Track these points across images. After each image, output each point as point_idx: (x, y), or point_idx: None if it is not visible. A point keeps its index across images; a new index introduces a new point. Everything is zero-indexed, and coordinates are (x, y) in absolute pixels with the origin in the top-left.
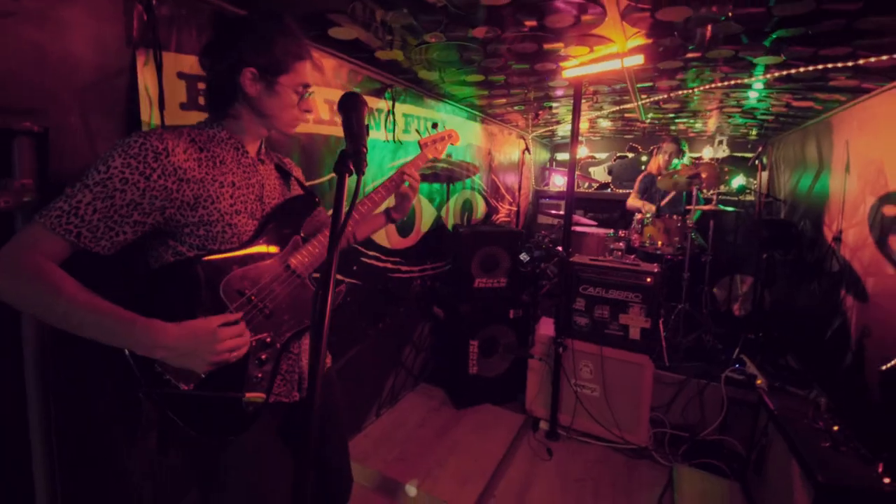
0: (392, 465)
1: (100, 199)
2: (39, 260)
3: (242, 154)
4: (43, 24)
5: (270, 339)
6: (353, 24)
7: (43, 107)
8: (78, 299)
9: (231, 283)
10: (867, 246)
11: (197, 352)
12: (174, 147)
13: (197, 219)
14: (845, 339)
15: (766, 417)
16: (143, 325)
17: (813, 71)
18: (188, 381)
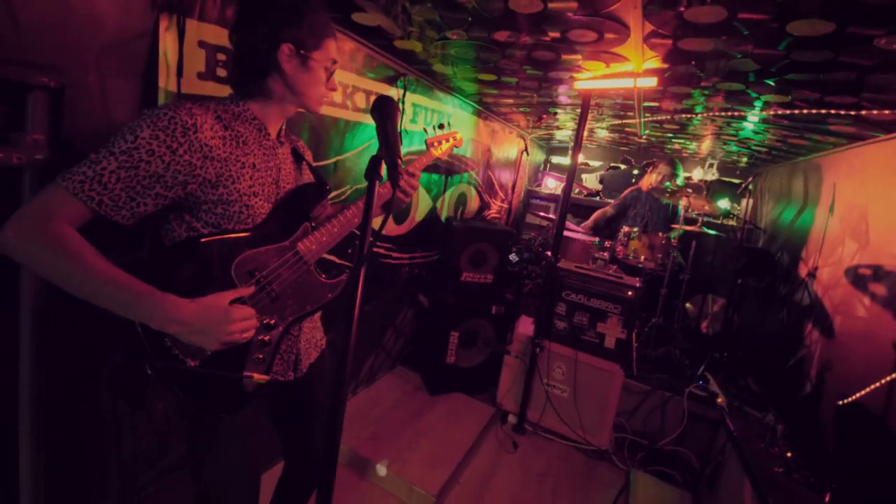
0: (365, 443)
1: (124, 169)
2: (60, 225)
3: (265, 136)
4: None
5: (274, 322)
6: (378, 11)
7: (62, 63)
8: (96, 268)
9: (242, 263)
10: (840, 286)
11: (209, 330)
12: (202, 123)
13: (216, 197)
14: (806, 370)
15: (726, 437)
16: (159, 299)
17: (815, 114)
18: (195, 357)
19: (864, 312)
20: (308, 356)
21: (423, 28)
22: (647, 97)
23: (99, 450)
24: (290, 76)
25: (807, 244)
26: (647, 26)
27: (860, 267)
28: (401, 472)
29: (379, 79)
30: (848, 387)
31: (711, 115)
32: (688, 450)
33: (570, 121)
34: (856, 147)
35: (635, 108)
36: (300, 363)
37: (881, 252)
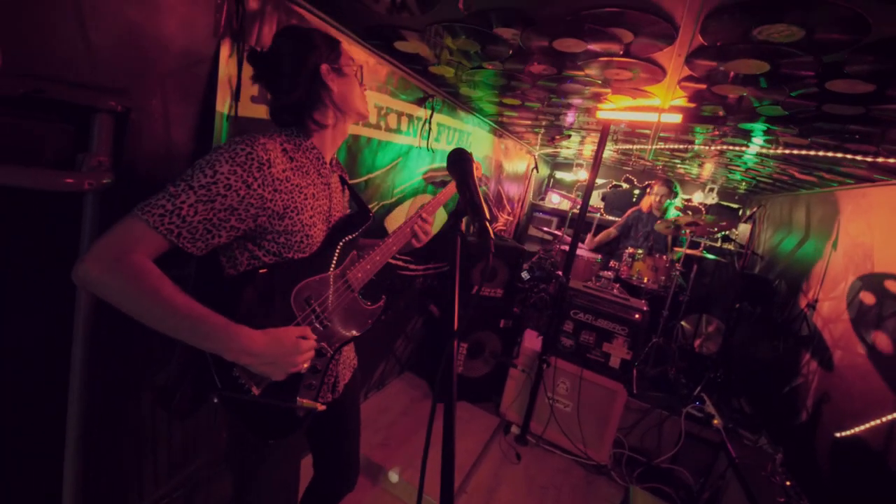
0: (376, 449)
1: (202, 202)
2: (140, 258)
3: (322, 164)
4: (141, 4)
5: (325, 349)
6: (420, 40)
7: (128, 87)
8: (175, 302)
9: (300, 291)
10: (841, 321)
11: (278, 361)
12: (275, 158)
13: (282, 227)
14: (802, 398)
15: (727, 462)
16: (234, 331)
17: (830, 157)
18: (259, 385)
19: (865, 350)
20: (344, 377)
21: (462, 57)
22: (664, 129)
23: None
24: (335, 93)
25: (808, 276)
26: (684, 71)
27: (864, 305)
28: (412, 479)
29: (410, 100)
30: (845, 419)
31: (726, 148)
32: (683, 468)
33: (579, 143)
34: (864, 187)
35: (651, 136)
36: (337, 384)
37: (886, 292)
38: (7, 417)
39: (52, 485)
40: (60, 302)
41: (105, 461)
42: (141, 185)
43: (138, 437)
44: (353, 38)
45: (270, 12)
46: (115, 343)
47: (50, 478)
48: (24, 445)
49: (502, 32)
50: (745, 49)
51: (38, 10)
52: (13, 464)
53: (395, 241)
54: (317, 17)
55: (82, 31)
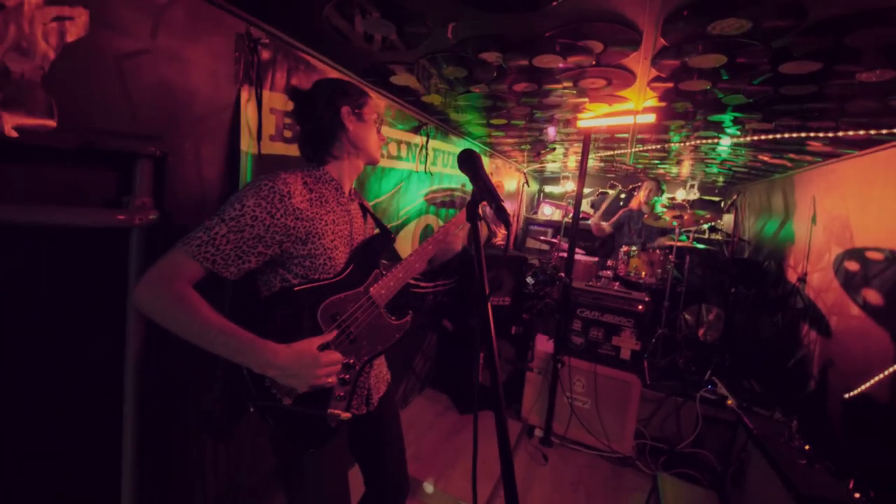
0: (409, 463)
1: (233, 232)
2: (182, 284)
3: (340, 194)
4: (172, 61)
5: (352, 362)
6: (410, 73)
7: (164, 134)
8: (211, 321)
9: (326, 308)
10: (832, 289)
11: (300, 374)
12: (294, 191)
13: (306, 252)
14: (807, 369)
15: (746, 436)
16: (260, 346)
17: (795, 137)
18: (289, 395)
19: (858, 311)
20: (378, 390)
21: (451, 83)
22: (640, 130)
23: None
24: (352, 132)
25: (793, 253)
26: (651, 72)
27: (849, 271)
28: (446, 488)
29: (407, 129)
30: (851, 381)
31: (699, 142)
32: (705, 450)
33: (563, 154)
34: (831, 164)
35: (629, 140)
36: (371, 397)
37: (868, 256)
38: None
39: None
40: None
41: (157, 486)
42: (180, 219)
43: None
44: (352, 77)
45: (281, 60)
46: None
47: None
48: (81, 472)
49: (487, 56)
50: (703, 45)
51: (88, 75)
52: (73, 490)
53: (417, 259)
54: (321, 62)
55: (124, 89)
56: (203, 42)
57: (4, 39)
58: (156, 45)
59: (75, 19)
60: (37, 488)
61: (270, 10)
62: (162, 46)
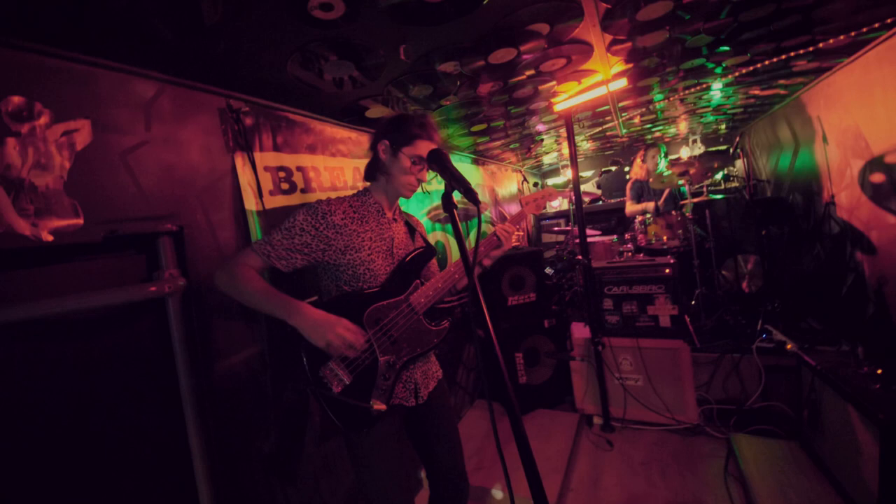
0: (473, 474)
1: (286, 238)
2: (245, 268)
3: (381, 215)
4: (169, 146)
5: (392, 361)
6: (381, 104)
7: (177, 210)
8: (260, 287)
9: (371, 313)
10: (862, 204)
11: (321, 328)
12: (335, 210)
13: (346, 261)
14: (862, 292)
15: (811, 375)
16: (297, 302)
17: (777, 62)
18: (338, 384)
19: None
20: (426, 385)
21: (423, 103)
22: (620, 98)
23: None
24: (385, 164)
25: (814, 179)
26: (606, 38)
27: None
28: (515, 491)
29: None
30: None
31: (685, 94)
32: (776, 402)
33: (555, 143)
34: (825, 78)
35: (612, 111)
36: (419, 391)
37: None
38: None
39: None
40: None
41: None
42: (206, 280)
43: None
44: (331, 122)
45: (263, 122)
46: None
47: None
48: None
49: (445, 67)
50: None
51: (100, 174)
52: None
53: (458, 270)
54: (299, 115)
55: (133, 179)
56: (191, 123)
57: (26, 160)
58: (151, 135)
59: (80, 130)
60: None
61: (243, 81)
62: (157, 135)
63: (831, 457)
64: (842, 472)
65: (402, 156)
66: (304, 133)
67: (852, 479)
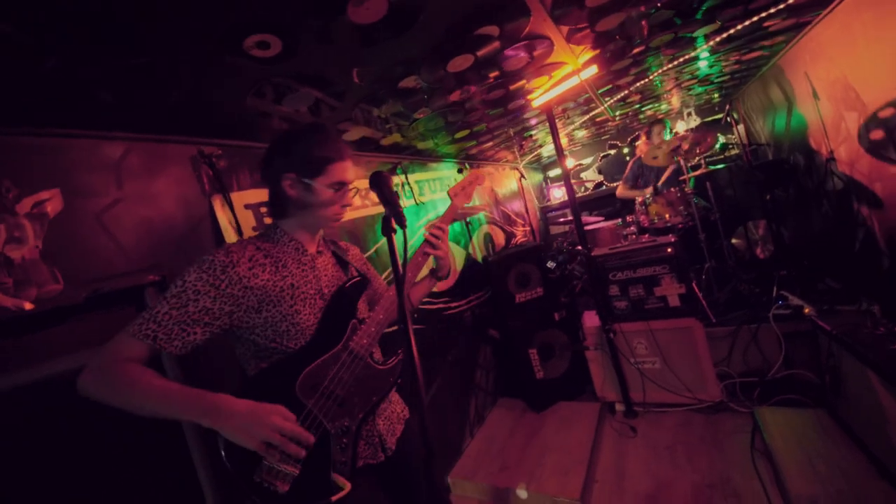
0: (497, 475)
1: (175, 309)
2: (124, 364)
3: (302, 253)
4: (143, 201)
5: (347, 424)
6: (358, 125)
7: (158, 261)
8: (153, 388)
9: (304, 382)
10: (861, 157)
11: (246, 426)
12: (239, 259)
13: (262, 320)
14: (875, 246)
15: (827, 339)
16: (212, 397)
17: (749, 25)
18: (284, 482)
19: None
20: (393, 433)
21: (396, 120)
22: (599, 84)
23: None
24: (299, 200)
25: (811, 136)
26: (563, 29)
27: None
28: (539, 489)
29: None
30: None
31: (663, 70)
32: (800, 369)
33: (548, 136)
34: (805, 34)
35: (594, 97)
36: (385, 442)
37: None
38: None
39: None
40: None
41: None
42: None
43: None
44: None
45: (239, 162)
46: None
47: None
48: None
49: (406, 83)
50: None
51: (76, 238)
52: None
53: (393, 296)
54: None
55: (111, 237)
56: (164, 175)
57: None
58: (124, 193)
59: (51, 199)
60: None
61: (211, 126)
62: (130, 192)
63: (858, 423)
64: (870, 438)
65: (317, 188)
66: None
67: (882, 444)
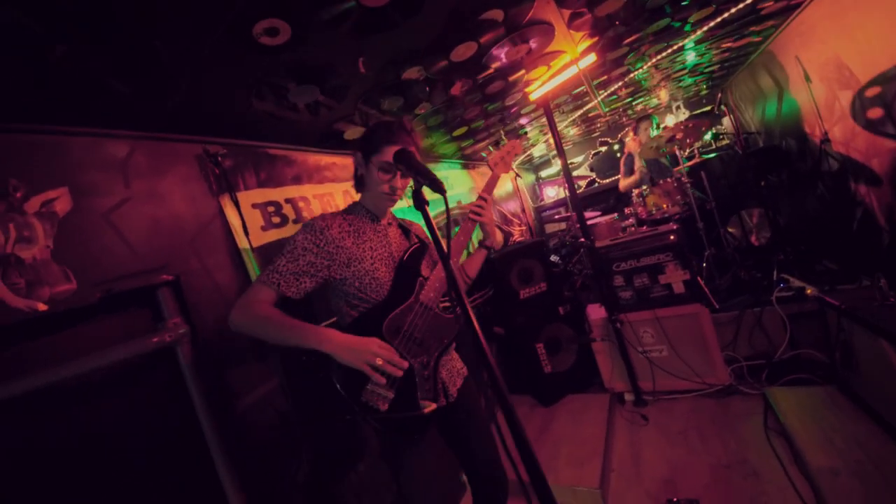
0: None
1: (290, 262)
2: (259, 304)
3: (376, 223)
4: (151, 199)
5: (426, 360)
6: (356, 125)
7: (170, 261)
8: (283, 322)
9: (389, 325)
10: (858, 134)
11: (357, 349)
12: (331, 224)
13: (351, 273)
14: (874, 224)
15: (836, 315)
16: (324, 330)
17: (743, 8)
18: (384, 402)
19: (894, 143)
20: (454, 383)
21: (397, 115)
22: (594, 76)
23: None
24: (362, 177)
25: (804, 119)
26: (564, 13)
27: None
28: (556, 480)
29: None
30: None
31: (655, 60)
32: (806, 349)
33: (541, 135)
34: (796, 17)
35: (589, 90)
36: (448, 389)
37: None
38: None
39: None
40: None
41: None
42: (210, 323)
43: None
44: (312, 150)
45: (244, 161)
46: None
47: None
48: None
49: (410, 74)
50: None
51: (87, 238)
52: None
53: (453, 252)
54: (279, 149)
55: (121, 236)
56: (171, 173)
57: (9, 237)
58: (132, 192)
59: (60, 197)
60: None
61: (216, 124)
62: (138, 191)
63: (873, 396)
64: (886, 409)
65: (371, 166)
66: (287, 165)
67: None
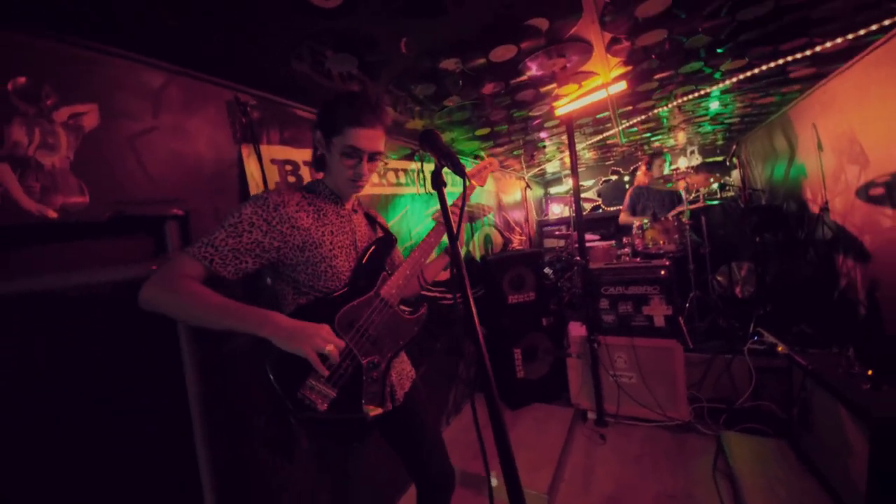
0: (470, 462)
1: (231, 237)
2: (185, 280)
3: (340, 206)
4: (176, 134)
5: (377, 360)
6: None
7: (183, 196)
8: (212, 301)
9: (343, 318)
10: (857, 208)
11: (300, 334)
12: (289, 201)
13: (304, 259)
14: (854, 296)
15: (802, 374)
16: (261, 312)
17: (774, 67)
18: (323, 401)
19: (891, 223)
20: (401, 386)
21: (427, 104)
22: (620, 104)
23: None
24: (323, 157)
25: (809, 186)
26: (606, 36)
27: (870, 184)
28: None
29: (400, 157)
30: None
31: (684, 100)
32: (766, 402)
33: (557, 151)
34: (821, 86)
35: (612, 117)
36: (395, 393)
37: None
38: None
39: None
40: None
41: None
42: None
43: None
44: None
45: (271, 117)
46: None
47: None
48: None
49: (447, 65)
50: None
51: (107, 157)
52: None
53: (422, 253)
54: (307, 112)
55: (140, 163)
56: (199, 113)
57: (33, 140)
58: (159, 122)
59: (88, 113)
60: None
61: (250, 74)
62: (165, 123)
63: (820, 455)
64: (830, 471)
65: (333, 148)
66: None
67: (841, 477)
